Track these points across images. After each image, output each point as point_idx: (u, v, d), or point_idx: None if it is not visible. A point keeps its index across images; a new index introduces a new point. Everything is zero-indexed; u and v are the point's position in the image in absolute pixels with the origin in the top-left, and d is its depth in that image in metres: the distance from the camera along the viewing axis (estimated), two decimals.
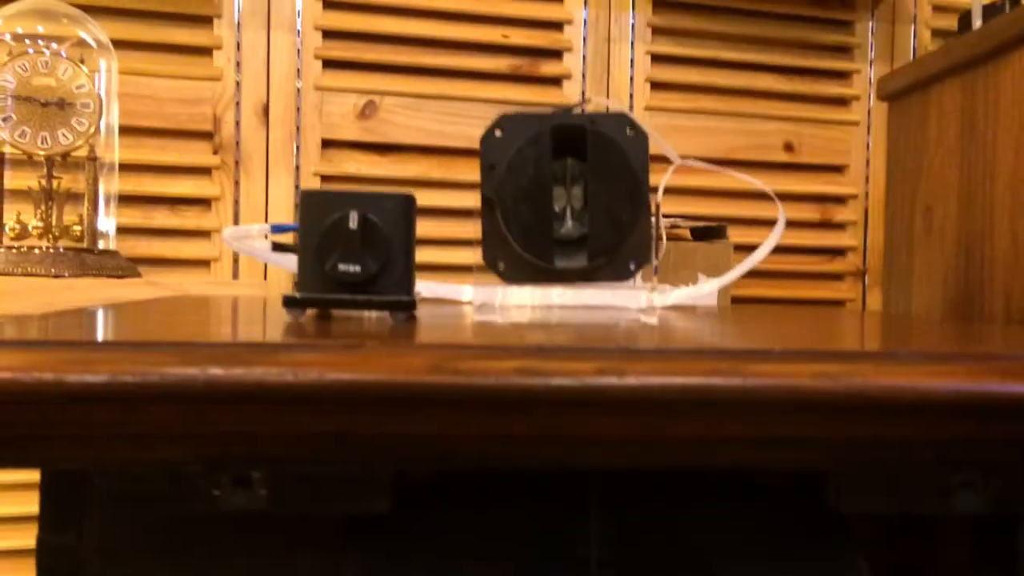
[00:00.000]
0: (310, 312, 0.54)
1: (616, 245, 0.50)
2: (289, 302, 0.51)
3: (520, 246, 0.51)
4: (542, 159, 0.51)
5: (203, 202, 1.16)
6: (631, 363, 0.37)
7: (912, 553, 0.53)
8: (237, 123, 1.16)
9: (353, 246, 0.50)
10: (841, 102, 1.38)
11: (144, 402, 0.35)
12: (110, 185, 1.04)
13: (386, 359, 0.37)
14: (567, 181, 0.51)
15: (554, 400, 0.36)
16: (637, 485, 0.47)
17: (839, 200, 1.39)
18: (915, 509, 0.43)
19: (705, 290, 0.70)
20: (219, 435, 0.38)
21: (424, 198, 1.18)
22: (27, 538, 1.01)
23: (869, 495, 0.43)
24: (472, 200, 1.25)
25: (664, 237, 0.57)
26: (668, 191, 1.23)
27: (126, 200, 1.11)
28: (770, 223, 1.21)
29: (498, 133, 0.53)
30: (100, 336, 0.41)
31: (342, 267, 0.50)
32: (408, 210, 0.53)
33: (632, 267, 0.50)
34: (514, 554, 0.44)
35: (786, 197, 1.31)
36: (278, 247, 0.61)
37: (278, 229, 0.61)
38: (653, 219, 0.52)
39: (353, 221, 0.51)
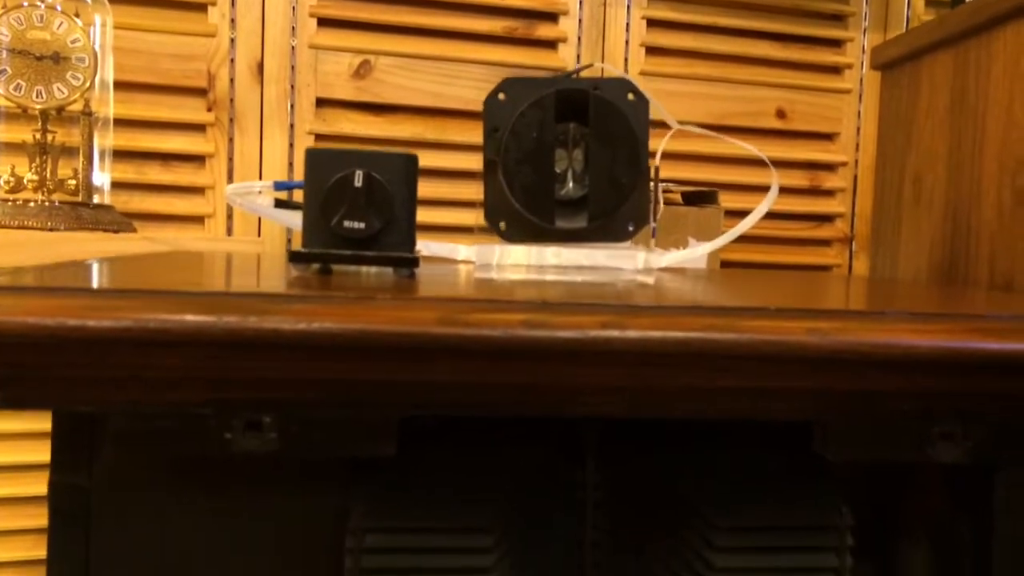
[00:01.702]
0: (311, 268, 0.55)
1: (615, 207, 0.52)
2: (295, 257, 0.52)
3: (522, 206, 0.52)
4: (545, 123, 0.52)
5: (197, 158, 1.16)
6: (632, 318, 0.39)
7: (893, 500, 0.55)
8: (231, 80, 1.16)
9: (357, 203, 0.51)
10: (834, 70, 1.39)
11: (163, 347, 0.36)
12: (104, 140, 1.04)
13: (397, 311, 0.38)
14: (569, 144, 0.52)
15: (559, 352, 0.38)
16: (632, 433, 0.49)
17: (829, 167, 1.41)
18: (896, 458, 0.45)
19: (699, 253, 0.71)
20: (232, 381, 0.40)
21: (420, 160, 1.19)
22: (35, 485, 1.03)
23: (853, 444, 0.45)
24: (466, 162, 1.25)
25: (661, 201, 0.58)
26: (662, 156, 1.24)
27: (120, 155, 1.11)
28: (761, 189, 1.22)
29: (501, 97, 0.54)
30: (114, 286, 0.42)
31: (347, 224, 0.51)
32: (411, 169, 0.54)
33: (630, 228, 0.52)
34: (513, 496, 0.46)
35: (777, 163, 1.32)
36: (280, 204, 0.62)
37: (281, 186, 0.62)
38: (652, 183, 0.53)
39: (358, 179, 0.52)
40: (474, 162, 1.01)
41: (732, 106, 1.34)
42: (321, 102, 1.19)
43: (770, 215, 1.42)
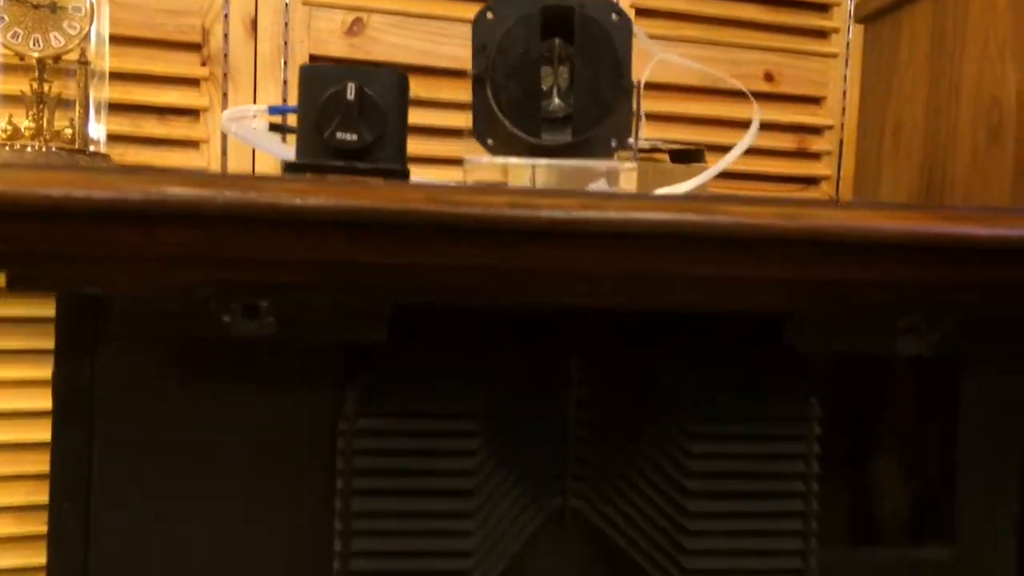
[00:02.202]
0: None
1: (599, 123, 0.54)
2: (290, 167, 0.54)
3: (509, 122, 0.54)
4: (531, 39, 0.54)
5: (191, 112, 1.17)
6: (612, 201, 0.41)
7: (864, 393, 0.58)
8: (225, 36, 1.17)
9: (350, 116, 0.53)
10: (821, 34, 1.41)
11: (165, 220, 0.38)
12: (100, 93, 1.05)
13: (387, 192, 0.40)
14: (555, 61, 0.54)
15: (542, 231, 0.40)
16: (613, 332, 0.51)
17: (815, 131, 1.43)
18: (863, 350, 0.47)
19: (680, 191, 0.73)
20: (231, 260, 0.42)
21: (410, 118, 1.20)
22: (34, 432, 1.04)
23: (823, 337, 0.47)
24: (458, 120, 1.26)
25: (643, 116, 0.60)
26: (649, 117, 1.26)
27: (115, 109, 1.12)
28: (747, 151, 1.24)
29: (489, 15, 0.56)
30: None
31: (340, 135, 0.53)
32: (402, 86, 0.56)
33: (613, 144, 0.54)
34: (498, 389, 0.48)
35: (764, 127, 1.35)
36: (275, 128, 0.64)
37: (275, 111, 0.64)
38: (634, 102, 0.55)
39: (351, 92, 0.54)
40: (465, 120, 1.03)
41: (720, 69, 1.36)
42: (314, 59, 1.20)
43: (757, 177, 1.45)
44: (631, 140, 0.55)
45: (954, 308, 0.47)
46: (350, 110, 0.53)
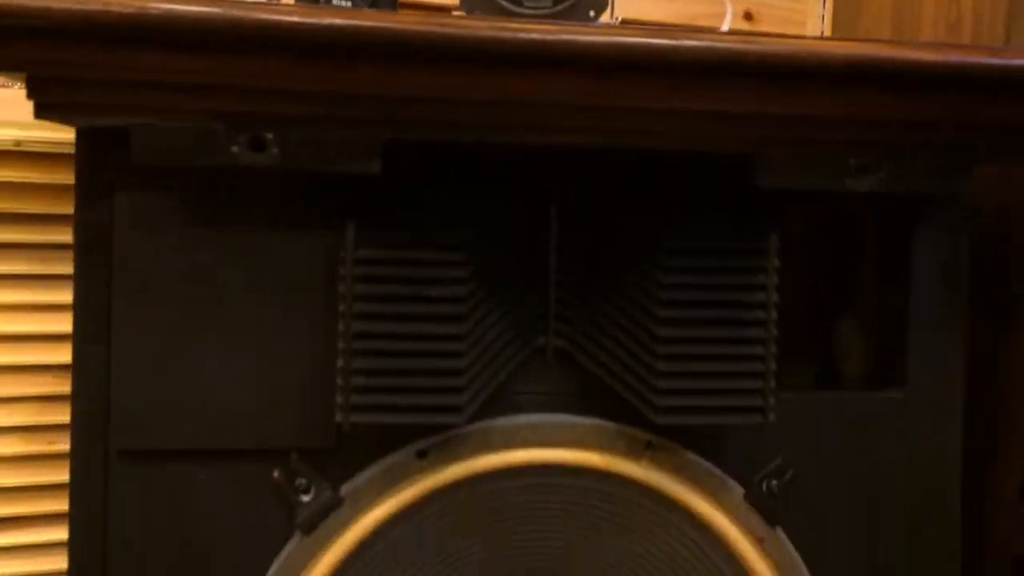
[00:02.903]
0: None
1: None
2: None
3: None
4: None
5: None
6: (588, 28, 0.45)
7: (825, 232, 0.62)
8: None
9: None
10: None
11: (175, 36, 0.42)
12: None
13: (379, 15, 0.44)
14: None
15: (521, 53, 0.44)
16: (592, 182, 0.55)
17: None
18: (818, 186, 0.52)
19: None
20: (238, 89, 0.46)
21: None
22: (36, 354, 1.07)
23: (783, 174, 0.51)
24: None
25: None
26: None
27: None
28: None
29: None
30: None
31: (335, 1, 0.57)
32: None
33: (591, 15, 0.58)
34: (487, 232, 0.52)
35: None
36: None
37: None
38: None
39: None
40: None
41: (700, 7, 1.40)
42: None
43: None
44: (609, 14, 0.59)
45: (902, 147, 0.52)
46: None
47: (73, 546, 0.54)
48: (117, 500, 0.53)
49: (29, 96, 0.45)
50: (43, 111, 0.45)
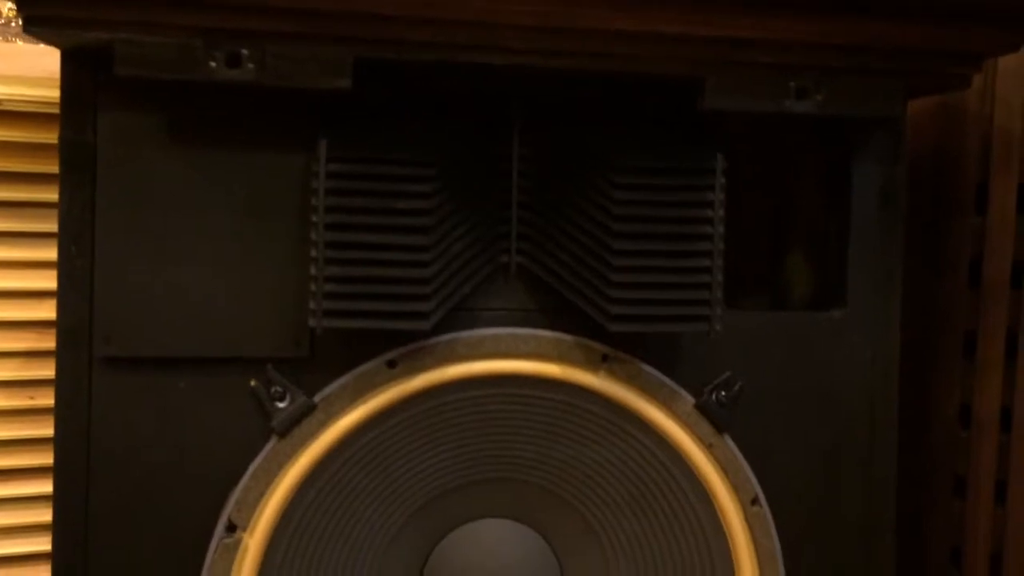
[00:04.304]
0: None
1: None
2: None
3: None
4: None
5: None
6: None
7: (774, 162, 0.67)
8: None
9: None
10: None
11: None
12: None
13: None
14: None
15: None
16: (550, 111, 0.58)
17: None
18: (759, 109, 0.55)
19: None
20: (216, 5, 0.49)
21: None
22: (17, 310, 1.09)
23: (726, 96, 0.55)
24: None
25: None
26: None
27: None
28: None
29: None
30: None
31: None
32: None
33: None
34: (452, 153, 0.55)
35: None
36: None
37: None
38: None
39: None
40: None
41: None
42: None
43: None
44: None
45: (838, 72, 0.56)
46: None
47: (58, 451, 0.57)
48: (100, 406, 0.56)
49: (19, 9, 0.48)
50: (32, 24, 0.48)
